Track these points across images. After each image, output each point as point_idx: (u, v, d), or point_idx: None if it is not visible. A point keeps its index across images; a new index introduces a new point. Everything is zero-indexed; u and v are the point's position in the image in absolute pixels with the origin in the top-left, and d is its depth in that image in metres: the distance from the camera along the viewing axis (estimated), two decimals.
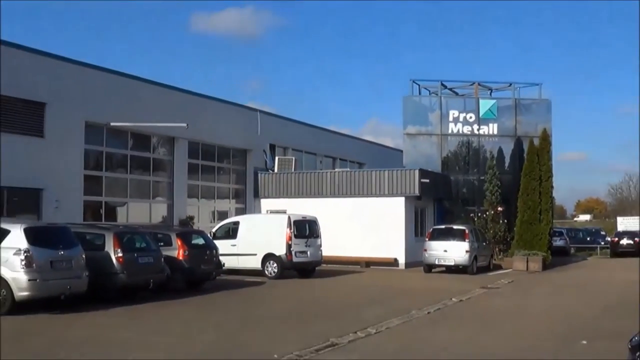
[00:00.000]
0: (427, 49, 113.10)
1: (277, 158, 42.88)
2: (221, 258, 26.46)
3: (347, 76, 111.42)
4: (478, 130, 44.94)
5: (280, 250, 29.69)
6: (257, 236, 30.39)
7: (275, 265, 29.79)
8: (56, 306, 18.44)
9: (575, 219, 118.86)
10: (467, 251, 33.59)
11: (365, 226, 36.89)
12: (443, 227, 36.25)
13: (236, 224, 32.04)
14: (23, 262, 17.73)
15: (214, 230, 31.88)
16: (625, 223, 68.13)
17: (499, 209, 41.87)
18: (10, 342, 14.41)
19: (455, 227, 35.75)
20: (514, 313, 20.98)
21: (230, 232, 31.47)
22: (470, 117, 44.96)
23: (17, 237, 18.16)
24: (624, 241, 54.31)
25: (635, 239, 54.08)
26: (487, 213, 41.87)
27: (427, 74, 76.65)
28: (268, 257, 29.94)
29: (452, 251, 33.73)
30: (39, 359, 12.99)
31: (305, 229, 30.94)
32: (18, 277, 17.68)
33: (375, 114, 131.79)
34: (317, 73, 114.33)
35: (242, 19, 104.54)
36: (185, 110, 34.76)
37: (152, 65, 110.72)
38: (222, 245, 28.24)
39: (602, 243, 60.96)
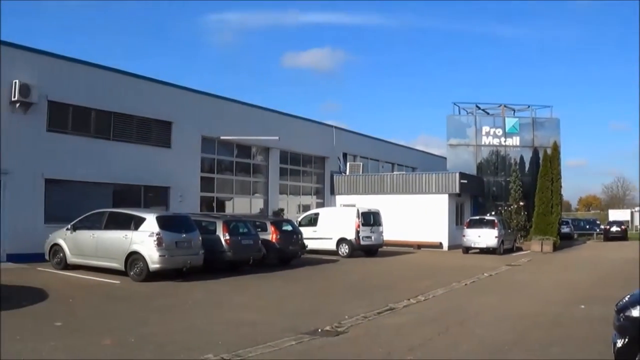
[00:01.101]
0: (465, 76, 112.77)
1: (348, 163, 43.12)
2: (305, 241, 26.63)
3: (402, 98, 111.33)
4: (504, 142, 45.23)
5: (350, 235, 29.87)
6: (332, 224, 30.60)
7: (346, 247, 29.97)
8: (179, 276, 19.21)
9: (578, 211, 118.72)
10: (496, 237, 33.71)
11: (417, 217, 37.09)
12: (477, 218, 36.18)
13: (316, 214, 32.20)
14: (155, 242, 18.30)
15: (299, 219, 32.00)
16: (615, 215, 71.62)
17: (521, 203, 42.16)
18: (146, 300, 15.16)
19: (487, 217, 35.77)
20: (530, 284, 20.91)
21: (312, 221, 31.52)
22: (498, 132, 45.29)
23: (151, 223, 18.76)
24: (614, 228, 55.41)
25: (622, 226, 56.14)
26: (512, 207, 42.11)
27: (465, 97, 76.33)
28: (341, 241, 30.14)
29: (485, 237, 33.89)
30: (172, 313, 13.45)
31: (370, 218, 30.91)
32: (151, 253, 18.27)
33: (424, 129, 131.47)
34: (379, 97, 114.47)
35: (322, 56, 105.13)
36: (278, 126, 35.03)
37: (252, 92, 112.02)
38: (306, 231, 28.54)
39: (598, 230, 61.61)
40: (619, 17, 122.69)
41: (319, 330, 11.82)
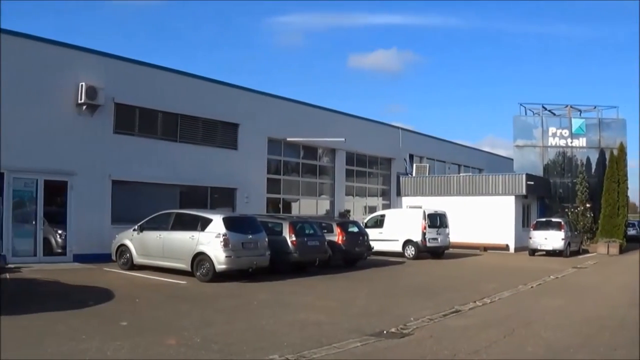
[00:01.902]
0: (531, 76, 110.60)
1: (414, 165, 42.75)
2: (371, 242, 26.41)
3: (469, 99, 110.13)
4: (571, 143, 44.60)
5: (417, 237, 29.56)
6: (399, 226, 30.36)
7: (412, 248, 29.66)
8: (245, 277, 19.11)
9: None
10: (562, 239, 33.09)
11: (483, 218, 36.49)
12: (544, 219, 35.55)
13: (383, 216, 32.00)
14: (222, 243, 18.27)
15: (365, 220, 31.83)
16: None
17: (587, 205, 41.30)
18: (212, 301, 15.14)
19: (553, 219, 35.12)
20: (597, 287, 20.61)
21: (378, 222, 31.34)
22: (565, 133, 44.65)
23: (217, 224, 18.75)
24: None
25: None
26: (578, 209, 41.26)
27: (531, 97, 75.03)
28: (407, 242, 29.84)
29: (551, 239, 33.26)
30: (238, 314, 13.42)
31: (437, 220, 30.58)
32: (218, 254, 18.26)
33: (491, 130, 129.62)
34: (445, 97, 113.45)
35: (388, 57, 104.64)
36: (344, 127, 34.82)
37: (318, 94, 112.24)
38: (372, 233, 28.34)
39: None
40: None
41: (384, 331, 11.71)
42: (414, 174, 42.00)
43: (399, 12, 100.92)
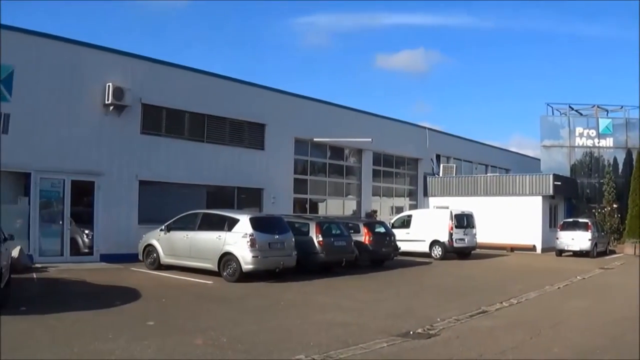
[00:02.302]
0: (558, 76, 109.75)
1: (441, 165, 42.53)
2: (397, 243, 26.40)
3: (496, 99, 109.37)
4: (598, 143, 44.71)
5: (443, 238, 29.49)
6: (425, 226, 30.27)
7: (439, 249, 29.60)
8: (272, 277, 19.05)
9: None
10: (589, 239, 32.88)
11: (510, 219, 36.20)
12: (571, 220, 35.29)
13: (409, 216, 31.92)
14: (248, 243, 18.24)
15: (392, 221, 31.77)
16: None
17: (614, 205, 41.18)
18: (239, 301, 15.14)
19: (580, 220, 34.84)
20: (623, 288, 20.33)
21: (405, 222, 31.26)
22: (592, 133, 44.82)
23: (244, 224, 18.73)
24: None
25: None
26: (605, 209, 41.16)
27: (558, 97, 74.34)
28: (434, 243, 29.77)
29: (578, 239, 33.03)
30: (264, 314, 13.35)
31: (464, 220, 30.48)
32: (245, 254, 18.24)
33: (518, 130, 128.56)
34: (472, 97, 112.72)
35: (415, 57, 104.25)
36: (371, 127, 34.66)
37: (344, 94, 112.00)
38: (398, 233, 28.32)
39: None
40: None
41: (411, 332, 11.68)
42: (441, 174, 41.81)
43: (426, 12, 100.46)
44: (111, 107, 22.48)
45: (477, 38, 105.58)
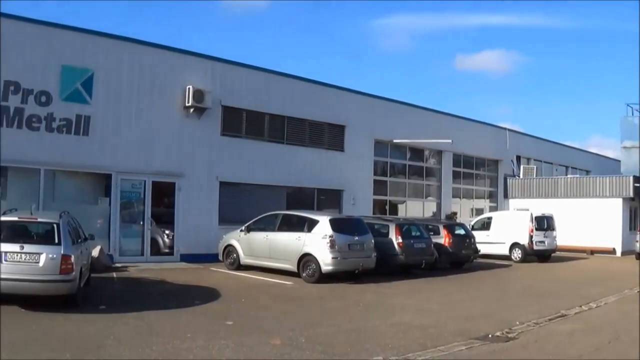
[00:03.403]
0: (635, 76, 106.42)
1: (521, 167, 41.70)
2: (477, 245, 26.10)
3: (575, 99, 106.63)
4: None
5: (523, 240, 29.00)
6: (505, 228, 29.77)
7: (519, 251, 29.10)
8: (351, 278, 19.01)
9: None
10: None
11: (590, 221, 35.19)
12: None
13: (489, 218, 31.48)
14: (328, 245, 18.21)
15: (472, 223, 31.32)
16: None
17: None
18: (317, 302, 15.16)
19: None
20: None
21: (485, 225, 30.82)
22: None
23: (324, 225, 18.71)
24: None
25: None
26: None
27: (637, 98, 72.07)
28: (514, 245, 29.30)
29: None
30: (343, 315, 13.32)
31: (544, 223, 29.84)
32: (324, 255, 18.21)
33: (597, 131, 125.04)
34: (551, 98, 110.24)
35: (495, 58, 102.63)
36: (450, 129, 34.39)
37: (424, 95, 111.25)
38: (478, 235, 27.83)
39: None
40: None
41: (489, 335, 11.54)
42: (521, 176, 41.04)
43: (506, 12, 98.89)
44: (191, 109, 22.76)
45: (556, 38, 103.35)
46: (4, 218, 12.54)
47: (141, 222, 21.69)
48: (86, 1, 78.86)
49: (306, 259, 18.67)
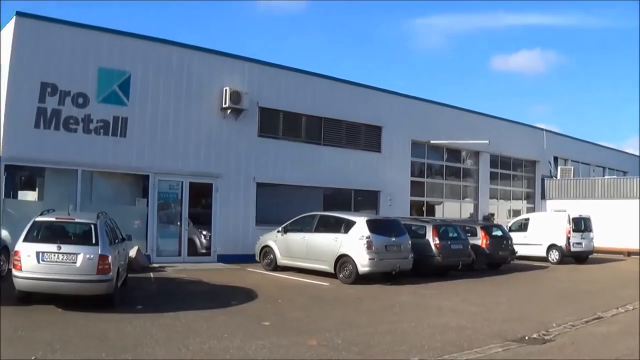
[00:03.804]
0: None
1: (559, 168, 41.14)
2: (514, 246, 25.88)
3: (612, 99, 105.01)
4: None
5: (561, 242, 28.66)
6: (543, 230, 29.51)
7: (556, 253, 28.76)
8: (388, 279, 18.93)
9: None
10: None
11: (627, 223, 34.31)
12: None
13: (527, 220, 31.21)
14: (365, 246, 18.18)
15: (509, 224, 30.95)
16: None
17: None
18: (354, 303, 15.10)
19: None
20: None
21: (522, 226, 30.55)
22: None
23: (361, 226, 18.68)
24: None
25: None
26: None
27: None
28: (551, 247, 28.98)
29: None
30: (379, 316, 13.28)
31: (581, 224, 29.52)
32: (361, 256, 18.18)
33: (635, 131, 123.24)
34: (590, 100, 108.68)
35: (532, 58, 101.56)
36: (487, 130, 34.17)
37: (460, 96, 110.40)
38: (516, 237, 27.61)
39: None
40: None
41: (526, 337, 11.47)
42: (558, 177, 40.53)
43: (542, 12, 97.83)
44: (229, 111, 22.90)
45: (593, 37, 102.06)
46: (41, 218, 12.71)
47: (178, 223, 21.88)
48: (122, 1, 79.71)
49: (343, 260, 18.64)
